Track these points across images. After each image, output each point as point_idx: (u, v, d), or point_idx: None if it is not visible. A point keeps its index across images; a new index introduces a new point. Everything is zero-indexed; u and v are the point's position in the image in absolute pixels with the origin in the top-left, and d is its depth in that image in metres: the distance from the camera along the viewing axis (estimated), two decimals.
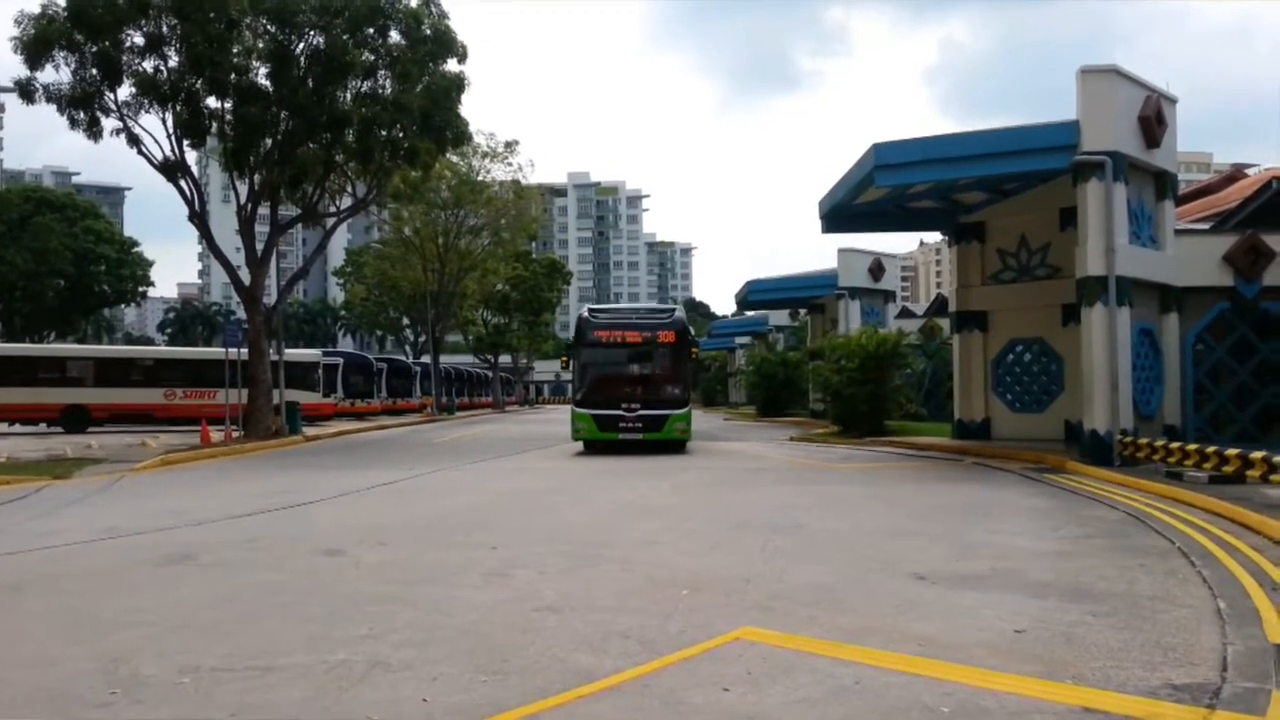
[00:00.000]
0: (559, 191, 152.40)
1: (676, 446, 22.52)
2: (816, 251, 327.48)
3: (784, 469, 18.71)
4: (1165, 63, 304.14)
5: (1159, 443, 15.85)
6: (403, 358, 65.38)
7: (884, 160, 17.70)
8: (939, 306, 40.91)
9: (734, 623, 6.39)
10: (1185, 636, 6.03)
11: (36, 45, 23.80)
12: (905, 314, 44.86)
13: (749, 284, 42.99)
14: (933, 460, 20.33)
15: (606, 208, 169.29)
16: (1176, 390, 18.91)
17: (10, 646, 6.10)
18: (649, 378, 23.05)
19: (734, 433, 33.22)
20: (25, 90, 24.65)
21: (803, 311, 45.01)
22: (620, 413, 21.95)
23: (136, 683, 5.26)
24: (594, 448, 22.67)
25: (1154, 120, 17.50)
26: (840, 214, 22.66)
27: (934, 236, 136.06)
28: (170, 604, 7.25)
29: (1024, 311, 22.93)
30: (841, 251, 35.87)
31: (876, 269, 36.25)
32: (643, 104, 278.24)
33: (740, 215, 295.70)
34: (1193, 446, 14.74)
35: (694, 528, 10.95)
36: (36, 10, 23.90)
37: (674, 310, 24.65)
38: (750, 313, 55.69)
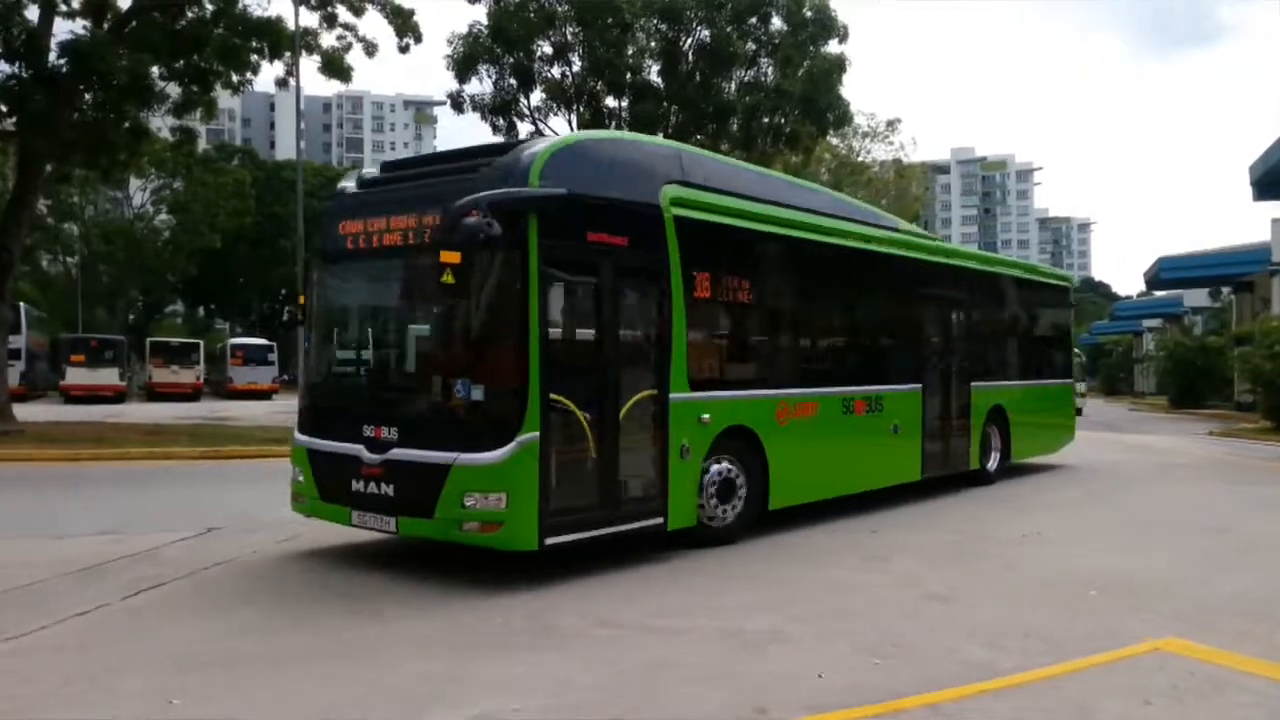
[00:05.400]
0: (941, 169, 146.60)
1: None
2: (1243, 223, 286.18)
3: (1203, 465, 16.75)
4: None
5: None
6: None
7: None
8: None
9: (1150, 630, 5.83)
10: None
11: (465, 61, 26.95)
12: None
13: (1160, 261, 39.34)
14: None
15: (993, 183, 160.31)
16: None
17: None
18: (420, 355, 8.00)
19: (1140, 424, 30.33)
20: (456, 102, 28.01)
21: (1225, 291, 40.28)
22: (357, 450, 7.15)
23: None
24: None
25: None
26: (1277, 180, 19.84)
27: None
28: None
29: None
30: (1276, 222, 31.27)
31: None
32: (1035, 70, 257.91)
33: (1150, 185, 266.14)
34: None
35: (1092, 524, 10.12)
36: (464, 30, 27.09)
37: (515, 148, 7.35)
38: (1160, 293, 50.78)
